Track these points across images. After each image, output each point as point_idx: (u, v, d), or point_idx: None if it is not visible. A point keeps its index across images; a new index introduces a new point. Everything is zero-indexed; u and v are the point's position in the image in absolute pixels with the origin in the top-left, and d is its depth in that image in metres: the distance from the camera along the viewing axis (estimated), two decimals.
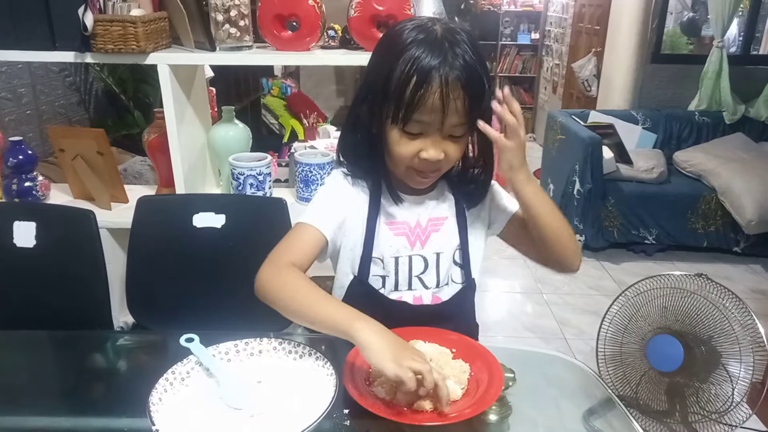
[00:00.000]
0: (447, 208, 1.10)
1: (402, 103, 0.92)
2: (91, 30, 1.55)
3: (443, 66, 0.89)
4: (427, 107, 0.91)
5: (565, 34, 5.62)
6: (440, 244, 1.09)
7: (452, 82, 0.89)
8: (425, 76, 0.89)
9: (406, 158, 0.97)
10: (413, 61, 0.90)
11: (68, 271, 1.45)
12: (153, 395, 0.83)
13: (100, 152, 1.78)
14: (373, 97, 0.98)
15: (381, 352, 0.81)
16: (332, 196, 1.07)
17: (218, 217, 1.46)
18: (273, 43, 1.69)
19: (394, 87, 0.92)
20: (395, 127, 0.95)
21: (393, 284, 1.09)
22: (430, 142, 0.95)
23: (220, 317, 1.42)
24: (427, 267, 1.09)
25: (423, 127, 0.94)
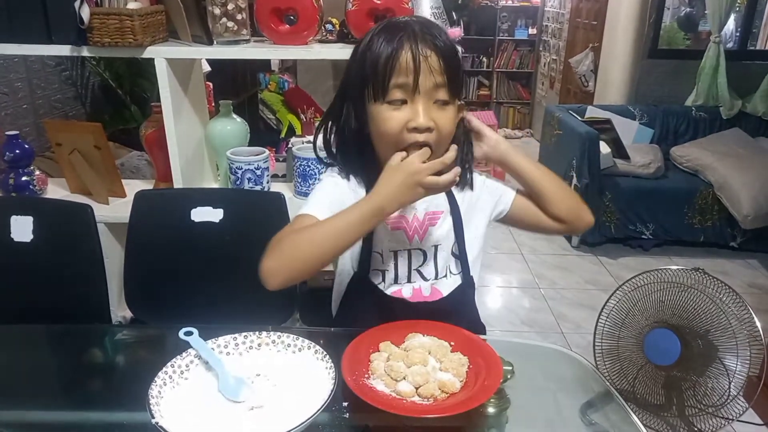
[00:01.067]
0: (443, 202, 1.11)
1: (377, 75, 0.95)
2: (88, 23, 1.55)
3: (409, 33, 0.95)
4: (402, 67, 0.94)
5: (563, 30, 5.61)
6: (438, 237, 1.10)
7: (421, 41, 0.94)
8: (393, 41, 0.94)
9: (396, 132, 0.96)
10: (382, 39, 0.95)
11: (66, 266, 1.45)
12: (152, 389, 0.83)
13: (97, 146, 1.78)
14: (353, 93, 1.01)
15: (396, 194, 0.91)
16: (331, 189, 1.07)
17: (216, 211, 1.46)
18: (270, 37, 1.69)
19: (369, 68, 0.96)
20: (378, 104, 0.97)
21: (393, 278, 1.10)
22: (415, 109, 0.95)
23: (219, 311, 1.42)
24: (425, 259, 1.10)
25: (403, 92, 0.95)
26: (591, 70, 4.78)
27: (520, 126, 6.65)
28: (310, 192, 1.10)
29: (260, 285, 1.45)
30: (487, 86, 6.68)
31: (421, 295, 1.11)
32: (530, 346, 1.15)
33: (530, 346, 1.15)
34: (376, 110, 0.97)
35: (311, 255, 0.91)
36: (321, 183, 1.10)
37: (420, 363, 0.90)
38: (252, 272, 1.32)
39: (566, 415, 1.00)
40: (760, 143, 3.73)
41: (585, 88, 4.88)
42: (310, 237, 0.92)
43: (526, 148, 6.00)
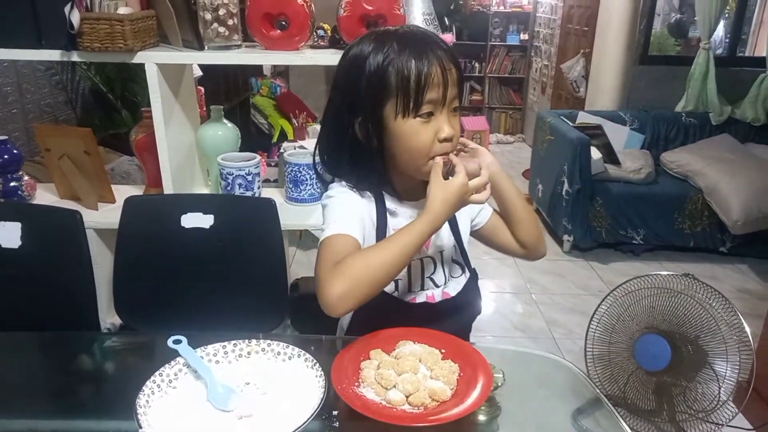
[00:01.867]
0: None
1: (410, 91, 0.96)
2: (78, 28, 1.54)
3: (431, 46, 0.97)
4: (434, 84, 0.96)
5: (554, 35, 5.64)
6: (441, 242, 1.13)
7: (444, 56, 0.97)
8: (423, 57, 0.96)
9: (427, 146, 0.99)
10: (408, 52, 0.96)
11: (54, 272, 1.44)
12: (140, 397, 0.82)
13: (86, 152, 1.76)
14: (366, 107, 0.99)
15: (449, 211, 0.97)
16: (352, 205, 1.05)
17: (207, 217, 1.45)
18: (262, 43, 1.68)
19: (396, 82, 0.96)
20: (408, 119, 0.98)
21: (406, 286, 1.11)
22: (440, 120, 0.99)
23: (209, 318, 1.41)
24: (435, 267, 1.13)
25: (432, 106, 0.98)
26: (582, 76, 4.81)
27: (512, 131, 6.67)
28: (326, 208, 1.07)
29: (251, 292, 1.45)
30: (480, 91, 6.71)
31: (433, 301, 1.12)
32: (520, 354, 1.15)
33: (520, 354, 1.15)
34: (405, 125, 0.98)
35: (380, 277, 0.91)
36: (336, 199, 1.07)
37: (410, 371, 0.90)
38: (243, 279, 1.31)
39: (557, 421, 1.00)
40: (749, 149, 3.76)
41: (576, 94, 4.91)
42: (378, 259, 0.91)
43: (518, 153, 6.02)
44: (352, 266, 0.90)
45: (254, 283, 1.45)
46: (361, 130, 1.02)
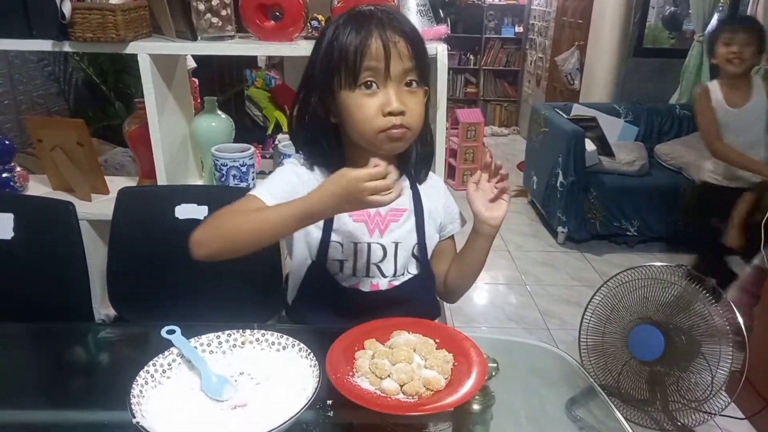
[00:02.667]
0: (407, 200, 1.13)
1: (348, 61, 0.96)
2: (69, 18, 1.53)
3: (376, 20, 0.97)
4: (372, 53, 0.95)
5: (549, 28, 5.63)
6: (399, 234, 1.12)
7: (389, 27, 0.97)
8: (362, 30, 0.96)
9: (371, 119, 0.97)
10: (349, 29, 0.97)
11: (47, 264, 1.43)
12: (134, 388, 0.82)
13: (79, 143, 1.75)
14: (319, 83, 1.01)
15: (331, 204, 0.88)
16: (288, 178, 1.07)
17: (201, 208, 1.45)
18: (256, 34, 1.67)
19: (338, 56, 0.97)
20: (350, 91, 0.98)
21: (351, 269, 1.10)
22: (388, 94, 0.97)
23: (203, 309, 1.41)
24: (385, 255, 1.11)
25: (375, 77, 0.97)
26: (577, 69, 4.81)
27: (507, 123, 6.67)
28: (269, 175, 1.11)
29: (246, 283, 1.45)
30: (474, 84, 6.70)
31: (378, 289, 1.12)
32: (514, 343, 1.15)
33: (514, 343, 1.15)
34: (348, 98, 0.98)
35: (240, 238, 0.93)
36: (281, 168, 1.11)
37: (405, 360, 0.90)
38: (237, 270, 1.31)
39: (551, 411, 1.00)
40: None
41: (571, 86, 4.91)
42: (243, 220, 0.94)
43: (512, 145, 6.02)
44: (220, 219, 0.96)
45: (249, 273, 1.44)
46: (317, 106, 1.03)
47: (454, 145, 4.62)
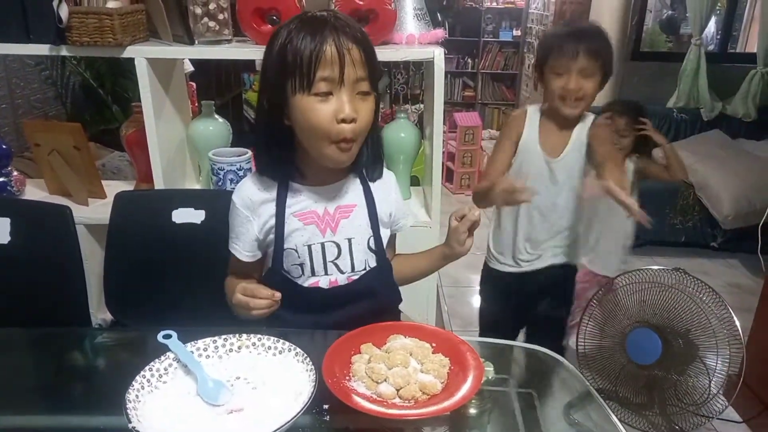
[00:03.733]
0: (355, 196, 1.15)
1: (302, 67, 0.97)
2: (66, 22, 1.53)
3: (330, 27, 0.98)
4: (327, 60, 0.96)
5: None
6: (351, 230, 1.14)
7: (342, 35, 0.98)
8: (317, 35, 0.97)
9: (324, 124, 0.99)
10: (303, 33, 0.97)
11: (44, 268, 1.43)
12: (130, 392, 0.82)
13: (76, 147, 1.75)
14: (272, 87, 1.03)
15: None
16: (241, 220, 1.14)
17: (198, 212, 1.45)
18: (253, 38, 1.68)
19: (291, 60, 0.98)
20: (303, 96, 0.99)
21: (309, 270, 1.13)
22: (341, 100, 0.99)
23: (200, 314, 1.41)
24: (340, 252, 1.14)
25: (329, 84, 0.98)
26: None
27: None
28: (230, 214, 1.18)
29: None
30: (472, 87, 6.70)
31: (337, 285, 1.14)
32: (511, 347, 1.15)
33: (511, 347, 1.15)
34: (301, 102, 0.99)
35: None
36: (232, 211, 1.17)
37: (401, 364, 0.90)
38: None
39: (548, 415, 1.00)
40: (740, 145, 3.78)
41: None
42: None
43: None
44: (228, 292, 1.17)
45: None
46: (272, 108, 1.05)
47: (452, 149, 4.62)
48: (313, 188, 1.12)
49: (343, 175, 1.15)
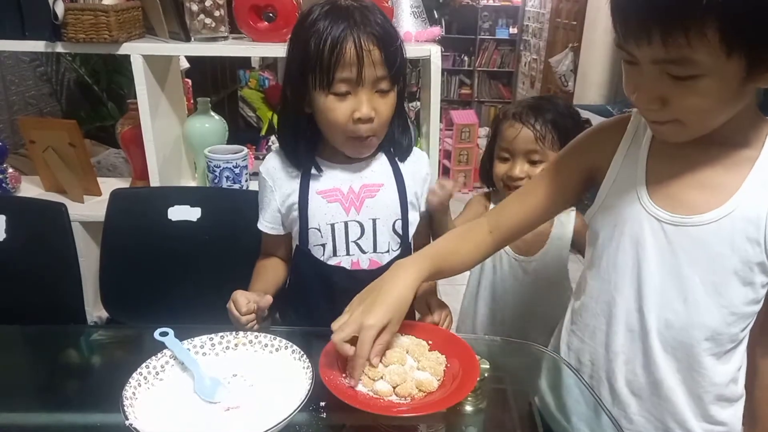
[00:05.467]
0: (383, 175, 1.15)
1: (323, 66, 0.97)
2: (62, 19, 1.52)
3: (352, 24, 0.97)
4: (346, 62, 0.97)
5: (543, 29, 5.66)
6: (376, 210, 1.13)
7: (364, 35, 0.97)
8: (338, 34, 0.96)
9: (342, 123, 1.01)
10: (325, 28, 0.97)
11: (40, 266, 1.43)
12: (126, 390, 0.82)
13: (72, 144, 1.75)
14: (296, 78, 1.03)
15: None
16: (265, 193, 1.15)
17: (194, 210, 1.45)
18: (249, 34, 1.67)
19: (313, 56, 0.98)
20: (323, 94, 1.00)
21: (331, 250, 1.13)
22: (359, 100, 1.00)
23: (196, 311, 1.40)
24: (363, 232, 1.13)
25: (348, 85, 0.99)
26: (570, 70, 4.83)
27: None
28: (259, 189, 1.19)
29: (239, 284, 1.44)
30: (469, 85, 6.72)
31: (359, 267, 1.14)
32: (507, 344, 1.15)
33: (507, 344, 1.15)
34: (321, 99, 1.01)
35: None
36: (259, 183, 1.17)
37: (397, 362, 0.90)
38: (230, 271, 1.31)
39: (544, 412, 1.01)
40: None
41: (565, 88, 4.93)
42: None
43: None
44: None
45: (242, 275, 1.44)
46: (294, 96, 1.06)
47: (449, 147, 4.63)
48: (339, 165, 1.13)
49: (370, 153, 1.13)
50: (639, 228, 0.86)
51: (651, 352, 0.89)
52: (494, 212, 1.05)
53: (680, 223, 0.82)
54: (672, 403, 0.91)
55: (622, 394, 0.94)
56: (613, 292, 0.92)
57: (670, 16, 0.65)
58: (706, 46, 0.65)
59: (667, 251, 0.84)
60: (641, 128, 0.89)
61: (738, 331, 0.87)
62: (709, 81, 0.69)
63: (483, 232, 1.01)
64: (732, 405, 0.93)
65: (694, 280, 0.83)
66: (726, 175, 0.81)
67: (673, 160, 0.84)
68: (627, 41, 0.72)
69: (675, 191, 0.83)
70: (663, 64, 0.70)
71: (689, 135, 0.78)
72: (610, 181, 0.91)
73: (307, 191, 1.11)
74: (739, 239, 0.80)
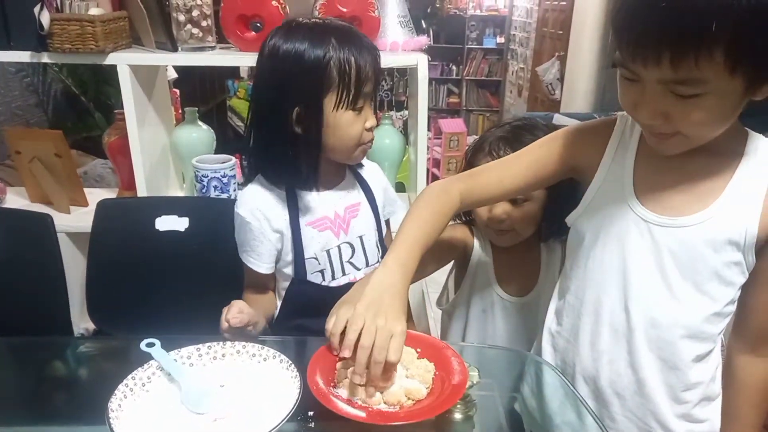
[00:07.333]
0: (358, 193, 1.20)
1: (350, 85, 1.02)
2: (48, 29, 1.52)
3: (364, 42, 1.04)
4: (368, 77, 1.04)
5: (530, 39, 5.70)
6: (360, 228, 1.18)
7: (372, 52, 1.05)
8: (362, 53, 1.02)
9: (359, 135, 1.07)
10: (345, 49, 1.01)
11: (25, 277, 1.41)
12: (112, 401, 0.81)
13: (57, 154, 1.74)
14: (303, 99, 1.03)
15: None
16: (254, 234, 1.12)
17: (181, 220, 1.44)
18: (236, 44, 1.68)
19: (338, 77, 1.01)
20: (345, 111, 1.04)
21: (330, 275, 1.16)
22: (367, 112, 1.08)
23: (184, 322, 1.39)
24: (354, 251, 1.18)
25: (364, 100, 1.06)
26: (557, 79, 4.87)
27: None
28: (237, 229, 1.16)
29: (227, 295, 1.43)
30: (457, 94, 6.75)
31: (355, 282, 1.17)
32: (496, 351, 1.16)
33: (496, 351, 1.16)
34: (342, 117, 1.05)
35: None
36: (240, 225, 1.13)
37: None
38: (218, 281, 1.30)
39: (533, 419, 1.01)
40: None
41: (552, 97, 4.97)
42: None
43: None
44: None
45: (230, 286, 1.43)
46: (298, 122, 1.05)
47: (437, 155, 4.64)
48: (321, 194, 1.15)
49: (342, 174, 1.19)
50: (626, 229, 0.89)
51: (635, 352, 0.92)
52: (469, 180, 1.01)
53: (666, 224, 0.86)
54: (654, 403, 0.93)
55: (605, 394, 0.96)
56: (599, 291, 0.94)
57: (684, 39, 0.67)
58: (713, 67, 0.68)
59: (652, 251, 0.87)
60: (627, 131, 0.92)
61: (717, 331, 0.91)
62: (712, 97, 0.71)
63: (453, 203, 0.98)
64: (711, 403, 0.96)
65: (678, 280, 0.87)
66: (710, 181, 0.84)
67: (660, 166, 0.87)
68: (634, 61, 0.74)
69: (661, 195, 0.87)
70: (669, 83, 0.72)
71: (690, 146, 0.81)
72: (597, 183, 0.93)
73: (298, 225, 1.12)
74: (721, 241, 0.83)
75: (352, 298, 0.91)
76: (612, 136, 0.93)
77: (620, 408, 0.96)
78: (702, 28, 0.65)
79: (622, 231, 0.89)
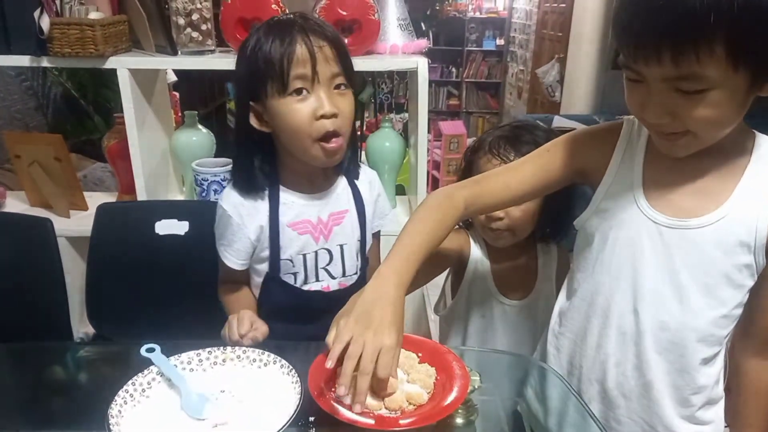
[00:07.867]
0: (346, 201, 1.16)
1: (275, 70, 0.97)
2: (47, 33, 1.52)
3: (298, 26, 0.99)
4: (299, 59, 0.97)
5: (529, 41, 5.71)
6: (342, 236, 1.15)
7: (311, 32, 0.99)
8: (285, 35, 0.98)
9: (305, 123, 1.00)
10: (272, 37, 0.98)
11: (25, 281, 1.41)
12: (112, 407, 0.81)
13: (57, 158, 1.74)
14: (249, 93, 1.03)
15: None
16: (233, 229, 1.11)
17: (181, 224, 1.44)
18: (236, 48, 1.67)
19: (264, 64, 0.98)
20: (281, 98, 0.99)
21: (303, 278, 1.14)
22: (319, 97, 1.00)
23: (184, 326, 1.39)
24: (332, 259, 1.15)
25: (303, 81, 0.99)
26: (557, 81, 4.87)
27: None
28: (217, 221, 1.17)
29: None
30: (457, 96, 6.76)
31: (329, 291, 1.16)
32: (497, 356, 1.15)
33: (497, 356, 1.15)
34: (279, 105, 1.00)
35: None
36: (221, 217, 1.14)
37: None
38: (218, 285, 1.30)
39: (534, 424, 1.00)
40: None
41: (551, 99, 4.97)
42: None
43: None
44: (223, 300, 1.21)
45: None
46: (253, 118, 1.05)
47: (437, 158, 4.64)
48: (305, 196, 1.12)
49: (332, 181, 1.15)
50: (636, 230, 0.88)
51: (643, 354, 0.91)
52: (475, 187, 0.99)
53: (677, 225, 0.85)
54: (660, 406, 0.92)
55: (611, 396, 0.96)
56: (608, 294, 0.93)
57: (681, 35, 0.67)
58: (715, 62, 0.68)
59: (663, 253, 0.86)
60: (635, 135, 0.92)
61: (725, 334, 0.90)
62: (718, 93, 0.71)
63: (457, 211, 0.95)
64: (714, 405, 0.95)
65: (689, 282, 0.86)
66: (719, 182, 0.84)
67: (668, 168, 0.86)
68: (636, 61, 0.74)
69: (671, 196, 0.86)
70: (673, 81, 0.72)
71: (699, 146, 0.80)
72: (605, 185, 0.93)
73: (277, 223, 1.10)
74: (731, 243, 0.83)
75: (350, 309, 0.89)
76: (619, 140, 0.93)
77: (626, 410, 0.95)
78: (698, 24, 0.66)
79: (632, 233, 0.88)
